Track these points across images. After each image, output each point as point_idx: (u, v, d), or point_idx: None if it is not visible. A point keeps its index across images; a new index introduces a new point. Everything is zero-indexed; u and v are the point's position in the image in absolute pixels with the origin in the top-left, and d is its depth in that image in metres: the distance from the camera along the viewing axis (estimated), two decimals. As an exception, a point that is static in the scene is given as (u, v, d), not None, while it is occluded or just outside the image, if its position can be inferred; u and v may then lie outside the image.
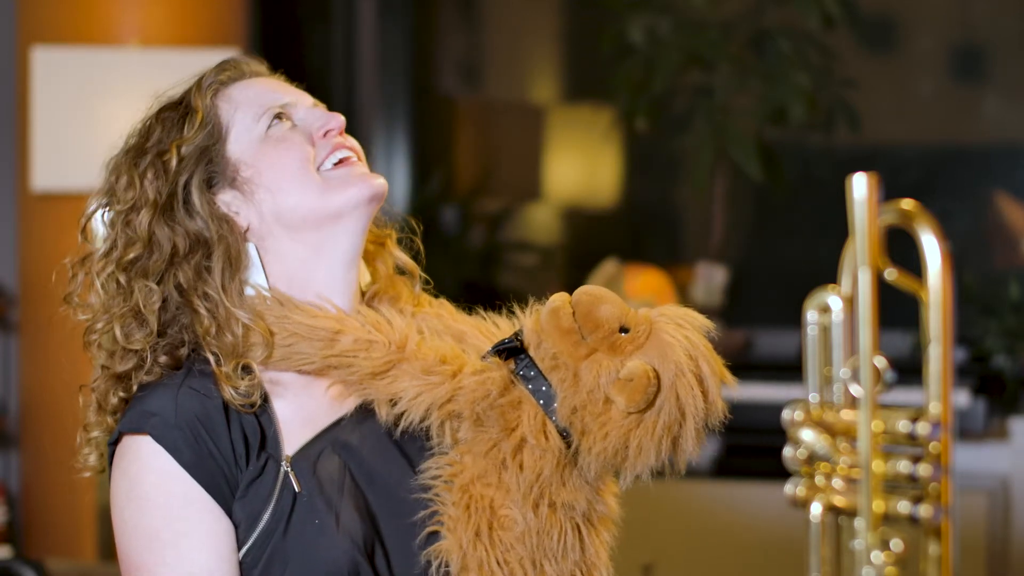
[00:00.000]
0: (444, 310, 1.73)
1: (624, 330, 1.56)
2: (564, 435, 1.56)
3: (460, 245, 4.67)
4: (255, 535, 1.56)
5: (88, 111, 3.55)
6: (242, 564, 1.56)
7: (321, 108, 1.68)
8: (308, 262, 1.63)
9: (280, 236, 1.63)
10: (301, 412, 1.62)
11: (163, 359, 1.60)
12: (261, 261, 1.63)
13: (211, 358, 1.58)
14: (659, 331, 1.56)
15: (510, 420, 1.55)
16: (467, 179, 4.83)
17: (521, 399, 1.56)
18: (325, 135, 1.63)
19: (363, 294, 1.70)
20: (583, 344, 1.55)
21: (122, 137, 1.71)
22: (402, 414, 1.57)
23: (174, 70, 3.55)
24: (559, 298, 1.58)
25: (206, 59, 1.73)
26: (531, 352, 1.58)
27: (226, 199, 1.63)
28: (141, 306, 1.60)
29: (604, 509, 1.60)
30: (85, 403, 1.67)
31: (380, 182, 1.63)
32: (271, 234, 1.63)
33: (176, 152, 1.62)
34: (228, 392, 1.57)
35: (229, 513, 1.56)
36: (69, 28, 3.83)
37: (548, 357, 1.57)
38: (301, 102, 1.66)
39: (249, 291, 1.62)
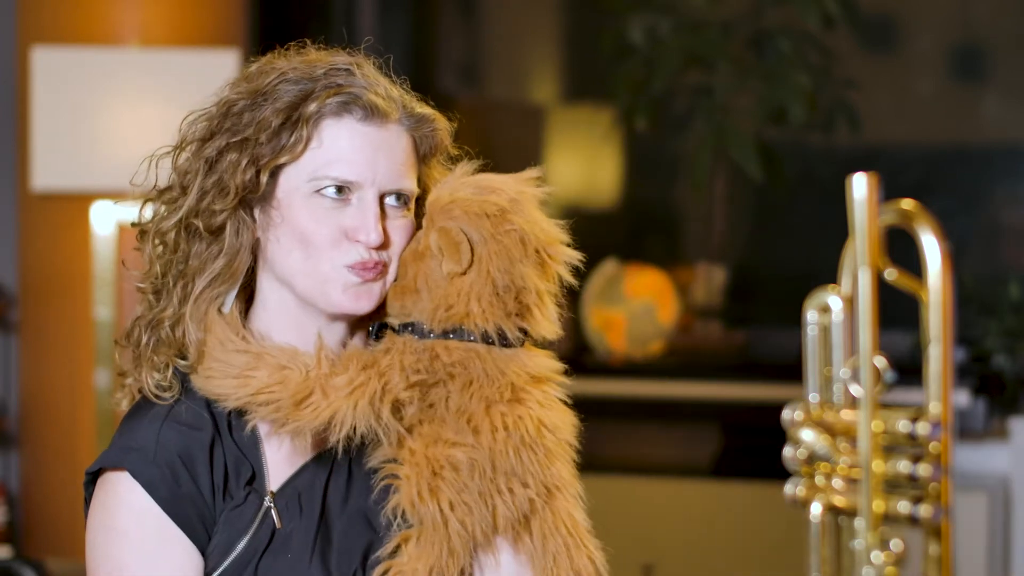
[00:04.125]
0: None
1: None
2: (465, 337, 1.55)
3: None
4: (227, 562, 1.57)
5: (88, 111, 3.55)
6: None
7: (393, 202, 1.62)
8: (282, 311, 1.63)
9: (270, 278, 1.63)
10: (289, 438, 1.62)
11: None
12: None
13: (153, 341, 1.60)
14: (436, 206, 1.57)
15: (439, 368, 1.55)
16: (467, 179, 4.82)
17: (432, 345, 1.55)
18: (364, 246, 1.59)
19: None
20: (407, 280, 1.58)
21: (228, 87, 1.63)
22: (353, 436, 1.53)
23: (174, 70, 3.56)
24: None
25: (206, 59, 1.72)
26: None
27: (256, 215, 1.62)
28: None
29: (551, 433, 1.57)
30: (121, 355, 1.66)
31: (359, 305, 1.60)
32: (263, 273, 1.63)
33: (261, 164, 1.59)
34: (146, 380, 1.60)
35: (202, 550, 1.57)
36: (69, 28, 3.83)
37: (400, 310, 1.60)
38: (375, 184, 1.60)
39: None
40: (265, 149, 1.58)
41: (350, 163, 1.59)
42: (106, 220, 3.67)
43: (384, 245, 1.59)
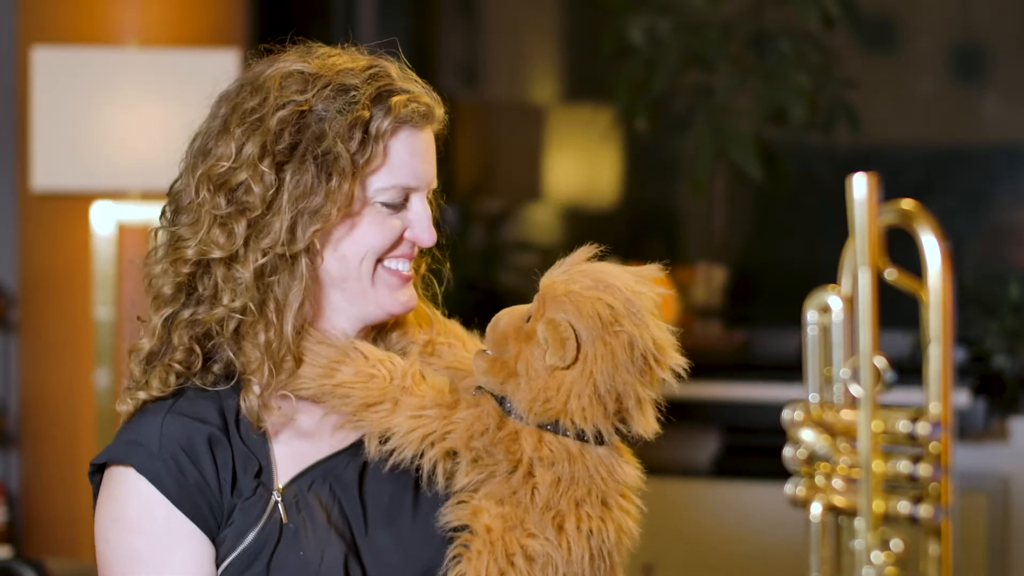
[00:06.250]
0: (455, 336, 1.73)
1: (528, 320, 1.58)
2: (560, 432, 1.55)
3: (460, 245, 4.67)
4: (237, 551, 1.57)
5: (88, 111, 3.55)
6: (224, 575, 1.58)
7: (432, 189, 1.66)
8: (330, 307, 1.64)
9: (318, 278, 1.63)
10: (298, 437, 1.63)
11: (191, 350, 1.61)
12: None
13: (254, 377, 1.58)
14: (550, 293, 1.56)
15: (514, 452, 1.54)
16: (467, 179, 4.83)
17: (518, 429, 1.55)
18: (411, 243, 1.64)
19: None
20: (509, 358, 1.56)
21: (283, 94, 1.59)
22: (392, 451, 1.55)
23: (174, 70, 3.56)
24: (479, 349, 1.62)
25: (206, 59, 1.72)
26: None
27: None
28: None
29: (628, 541, 1.59)
30: (134, 358, 1.65)
31: (409, 305, 1.65)
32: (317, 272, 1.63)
33: (347, 178, 1.58)
34: (250, 402, 1.58)
35: (213, 538, 1.58)
36: (69, 28, 3.83)
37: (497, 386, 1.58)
38: (427, 186, 1.65)
39: None
40: (356, 163, 1.58)
41: (413, 170, 1.62)
42: (106, 220, 3.67)
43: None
